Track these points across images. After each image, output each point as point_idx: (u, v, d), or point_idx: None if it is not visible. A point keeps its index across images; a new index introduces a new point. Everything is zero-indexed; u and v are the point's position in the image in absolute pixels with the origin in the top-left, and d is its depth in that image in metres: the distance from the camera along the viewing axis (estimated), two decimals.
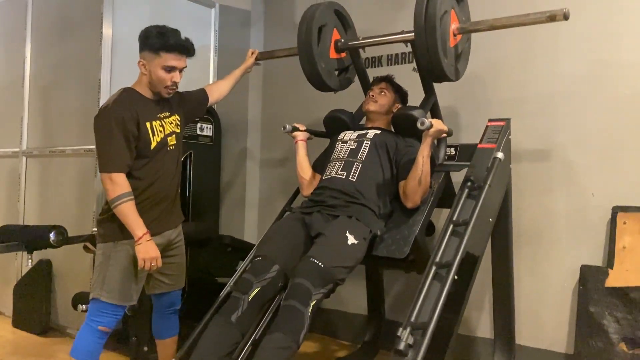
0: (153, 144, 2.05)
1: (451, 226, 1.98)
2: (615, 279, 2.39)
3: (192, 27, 3.63)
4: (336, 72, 2.59)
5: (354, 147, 2.31)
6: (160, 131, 2.08)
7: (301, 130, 2.56)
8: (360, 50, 2.63)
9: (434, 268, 1.86)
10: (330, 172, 2.28)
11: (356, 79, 2.70)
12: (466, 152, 2.40)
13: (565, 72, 2.60)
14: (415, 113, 2.25)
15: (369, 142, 2.29)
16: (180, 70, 2.08)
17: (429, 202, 2.18)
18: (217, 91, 2.48)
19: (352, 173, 2.22)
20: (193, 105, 2.33)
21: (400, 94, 2.49)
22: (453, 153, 2.48)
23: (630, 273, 2.36)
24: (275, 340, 1.76)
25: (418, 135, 2.16)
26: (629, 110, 2.46)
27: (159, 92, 2.09)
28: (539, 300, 2.65)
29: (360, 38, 2.56)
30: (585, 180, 2.54)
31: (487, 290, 2.62)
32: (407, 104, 2.53)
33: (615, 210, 2.43)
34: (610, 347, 2.35)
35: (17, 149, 3.66)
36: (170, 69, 2.04)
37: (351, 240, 2.00)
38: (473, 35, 2.86)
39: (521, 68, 2.74)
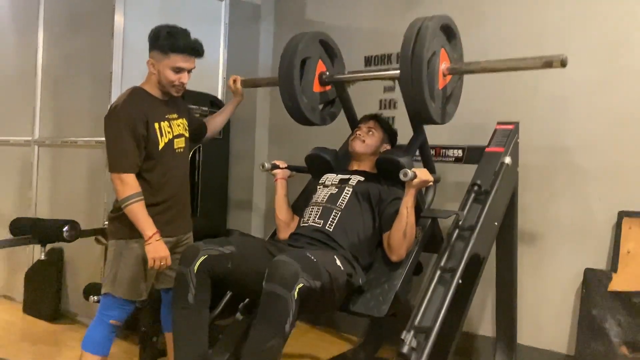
0: (161, 145, 2.07)
1: (457, 231, 2.01)
2: (618, 283, 2.41)
3: (203, 20, 3.66)
4: (321, 106, 2.47)
5: (334, 192, 2.18)
6: (169, 132, 2.11)
7: (281, 168, 2.40)
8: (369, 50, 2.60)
9: (438, 272, 1.89)
10: (308, 219, 2.15)
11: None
12: (474, 154, 2.42)
13: (575, 77, 2.59)
14: (401, 160, 2.09)
15: (351, 190, 2.16)
16: (189, 71, 2.10)
17: (413, 254, 2.05)
18: (214, 125, 2.44)
19: (329, 222, 2.09)
20: (192, 129, 2.31)
21: (389, 134, 2.36)
22: (460, 155, 2.50)
23: (633, 278, 2.38)
24: (258, 341, 1.68)
25: (403, 182, 2.03)
26: (638, 115, 2.46)
27: (168, 92, 2.12)
28: (542, 302, 2.69)
29: (346, 72, 2.45)
30: (592, 184, 2.56)
31: (490, 289, 2.65)
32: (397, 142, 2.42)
33: (621, 215, 2.45)
34: (611, 350, 2.38)
35: (30, 138, 3.70)
36: (178, 70, 2.05)
37: (339, 262, 1.93)
38: (486, 35, 2.88)
39: (532, 73, 2.72)
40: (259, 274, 1.77)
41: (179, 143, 2.17)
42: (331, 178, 2.27)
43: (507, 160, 2.18)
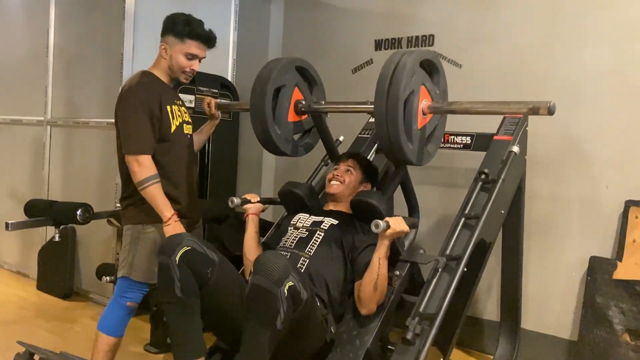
0: (173, 127, 2.10)
1: (462, 219, 2.03)
2: (623, 272, 2.43)
3: (213, 1, 3.64)
4: (297, 136, 2.32)
5: (304, 236, 2.04)
6: (179, 116, 2.14)
7: (253, 202, 2.21)
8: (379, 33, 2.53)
9: (444, 260, 1.91)
10: None
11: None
12: (482, 142, 2.42)
13: (587, 64, 2.58)
14: (376, 203, 1.98)
15: (322, 235, 2.02)
16: (200, 60, 2.13)
17: (387, 305, 1.93)
18: (194, 144, 2.35)
19: None
20: None
21: (369, 174, 2.24)
22: (469, 142, 2.51)
23: (638, 267, 2.40)
24: (250, 338, 1.61)
25: None
26: None
27: (177, 78, 2.14)
28: (546, 288, 2.71)
29: (323, 102, 2.31)
30: (600, 172, 2.56)
31: (496, 275, 2.68)
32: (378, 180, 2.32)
33: (628, 204, 2.45)
34: (614, 337, 2.41)
35: (42, 118, 3.75)
36: (191, 57, 2.09)
37: (316, 299, 1.85)
38: (497, 19, 2.85)
39: (543, 58, 2.72)
40: (231, 306, 1.72)
41: (188, 129, 2.20)
42: (303, 219, 2.13)
43: (515, 149, 2.18)
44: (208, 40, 2.10)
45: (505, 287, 2.62)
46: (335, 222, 2.07)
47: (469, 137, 2.51)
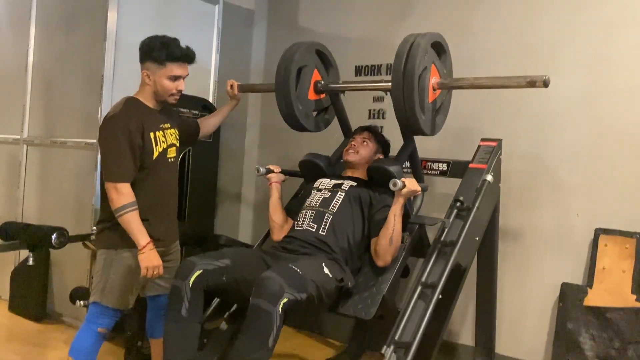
0: (155, 154, 2.10)
1: (438, 246, 2.07)
2: (593, 299, 2.49)
3: (196, 23, 3.66)
4: (315, 113, 2.60)
5: (327, 196, 2.29)
6: (163, 141, 2.14)
7: (276, 172, 2.51)
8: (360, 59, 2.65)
9: (419, 287, 1.95)
10: (302, 223, 2.25)
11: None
12: (458, 169, 2.49)
13: (559, 95, 2.65)
14: (391, 169, 2.18)
15: (343, 194, 2.27)
16: (184, 78, 2.14)
17: (400, 259, 2.15)
18: (208, 126, 2.54)
19: (322, 226, 2.19)
20: (187, 132, 2.38)
21: (382, 145, 2.49)
22: (445, 169, 2.56)
23: (608, 294, 2.46)
24: (242, 353, 1.73)
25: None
26: (618, 135, 2.54)
27: (164, 101, 2.15)
28: (520, 313, 2.76)
29: (340, 82, 2.60)
30: (571, 200, 2.63)
31: (471, 299, 2.72)
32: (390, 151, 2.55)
33: (598, 232, 2.52)
34: None
35: (18, 137, 3.70)
36: (175, 78, 2.10)
37: (326, 270, 2.01)
38: (474, 48, 2.94)
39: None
40: (252, 283, 1.82)
41: (171, 152, 2.20)
42: (325, 183, 2.38)
43: (489, 177, 2.25)
44: (188, 58, 2.12)
45: (480, 312, 2.66)
46: (354, 183, 2.32)
47: (446, 164, 2.57)
